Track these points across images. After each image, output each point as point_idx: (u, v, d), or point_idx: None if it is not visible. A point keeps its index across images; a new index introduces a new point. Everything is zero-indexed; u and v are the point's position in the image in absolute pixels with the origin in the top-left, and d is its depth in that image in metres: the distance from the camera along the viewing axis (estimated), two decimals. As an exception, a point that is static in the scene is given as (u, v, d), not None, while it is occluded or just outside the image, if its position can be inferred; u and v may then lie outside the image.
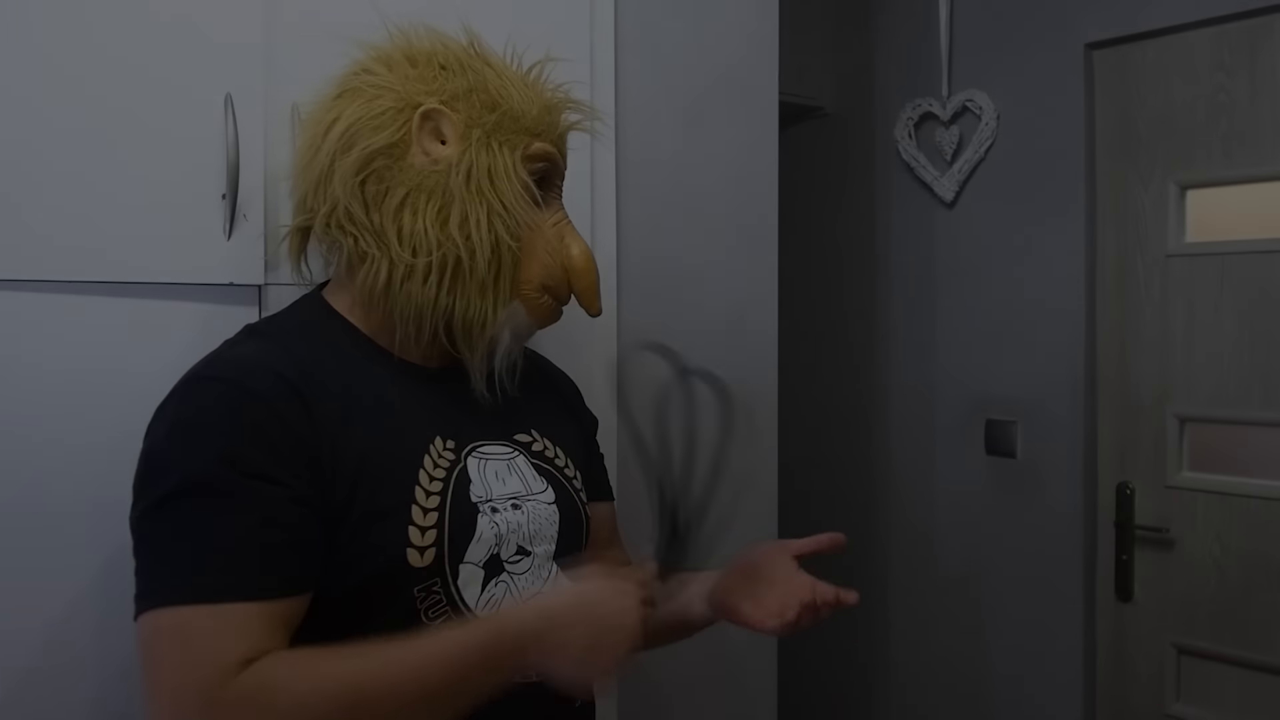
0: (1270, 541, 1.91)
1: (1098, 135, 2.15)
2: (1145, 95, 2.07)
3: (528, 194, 1.01)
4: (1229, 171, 1.96)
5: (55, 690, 1.09)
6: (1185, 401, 2.02)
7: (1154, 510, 2.06)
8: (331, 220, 0.98)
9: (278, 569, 0.86)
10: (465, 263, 0.97)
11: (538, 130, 1.04)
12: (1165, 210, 2.05)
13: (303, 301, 1.07)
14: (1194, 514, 2.01)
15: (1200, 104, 1.98)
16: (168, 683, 0.81)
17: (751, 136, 1.75)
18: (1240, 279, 1.95)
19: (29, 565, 1.07)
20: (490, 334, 1.01)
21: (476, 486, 0.99)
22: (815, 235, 2.62)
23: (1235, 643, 1.95)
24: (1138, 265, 2.10)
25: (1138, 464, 2.09)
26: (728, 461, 1.04)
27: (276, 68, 1.20)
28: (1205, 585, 1.99)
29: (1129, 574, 2.09)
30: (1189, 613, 2.02)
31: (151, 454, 0.89)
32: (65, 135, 1.08)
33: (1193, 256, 2.02)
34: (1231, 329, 1.96)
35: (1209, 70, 1.97)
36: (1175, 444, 2.04)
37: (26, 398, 1.07)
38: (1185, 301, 2.03)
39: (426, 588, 0.94)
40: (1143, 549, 2.08)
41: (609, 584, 0.93)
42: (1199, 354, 2.00)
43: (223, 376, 0.91)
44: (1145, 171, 2.07)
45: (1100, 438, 2.13)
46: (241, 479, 0.85)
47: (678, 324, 1.65)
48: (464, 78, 1.01)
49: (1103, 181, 2.15)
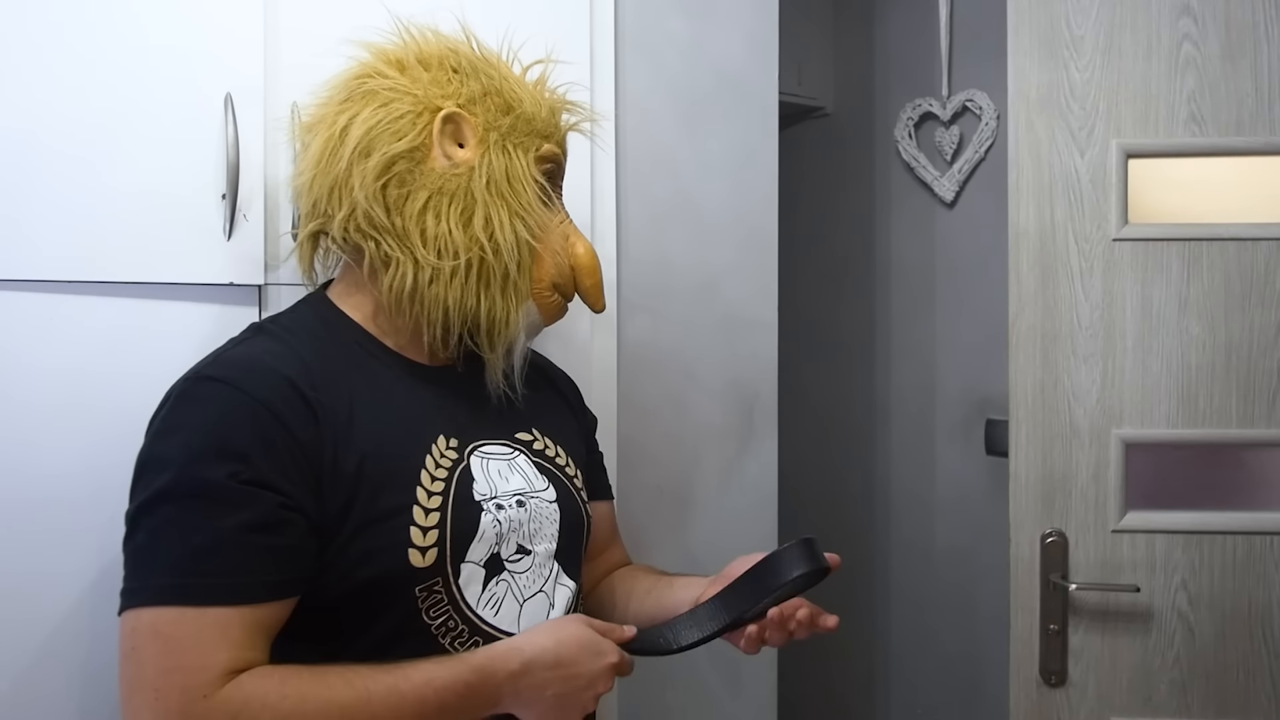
0: (1254, 582, 1.64)
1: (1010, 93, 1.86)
2: (1081, 36, 1.69)
3: (542, 195, 1.04)
4: (1195, 140, 1.65)
5: (54, 687, 1.09)
6: (1138, 422, 1.67)
7: (1095, 562, 1.67)
8: (350, 224, 0.99)
9: (263, 575, 0.86)
10: (490, 264, 0.99)
11: (547, 132, 1.06)
12: (1107, 184, 1.69)
13: (308, 301, 1.07)
14: (1151, 562, 1.66)
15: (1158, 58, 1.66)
16: (150, 682, 0.82)
17: (751, 136, 1.75)
18: (1212, 270, 1.64)
19: (29, 565, 1.07)
20: (512, 333, 1.02)
21: (480, 484, 1.00)
22: (815, 235, 2.62)
23: (1207, 709, 1.66)
24: (1069, 250, 1.73)
25: (1071, 505, 1.69)
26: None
27: (276, 68, 1.20)
28: (1168, 647, 1.67)
29: (1063, 652, 1.69)
30: (1145, 684, 1.66)
31: (148, 451, 0.90)
32: (65, 135, 1.08)
33: (1148, 241, 1.69)
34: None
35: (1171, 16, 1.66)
36: (1121, 476, 1.67)
37: (26, 398, 1.07)
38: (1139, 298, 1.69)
39: (428, 587, 0.94)
40: (1079, 615, 1.69)
41: (588, 640, 0.96)
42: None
43: (224, 377, 0.91)
44: (1080, 134, 1.71)
45: (1016, 475, 1.75)
46: (234, 483, 0.86)
47: (678, 324, 1.66)
48: (478, 81, 1.03)
49: (1019, 143, 1.79)
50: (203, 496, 0.85)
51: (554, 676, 0.93)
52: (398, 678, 0.87)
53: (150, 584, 0.84)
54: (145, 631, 0.83)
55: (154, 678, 0.82)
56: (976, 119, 2.32)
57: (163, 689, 0.81)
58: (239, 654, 0.84)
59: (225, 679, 0.82)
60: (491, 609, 0.98)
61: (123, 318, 1.12)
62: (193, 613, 0.83)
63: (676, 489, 1.65)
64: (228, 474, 0.85)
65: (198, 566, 0.84)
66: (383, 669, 0.87)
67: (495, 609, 0.98)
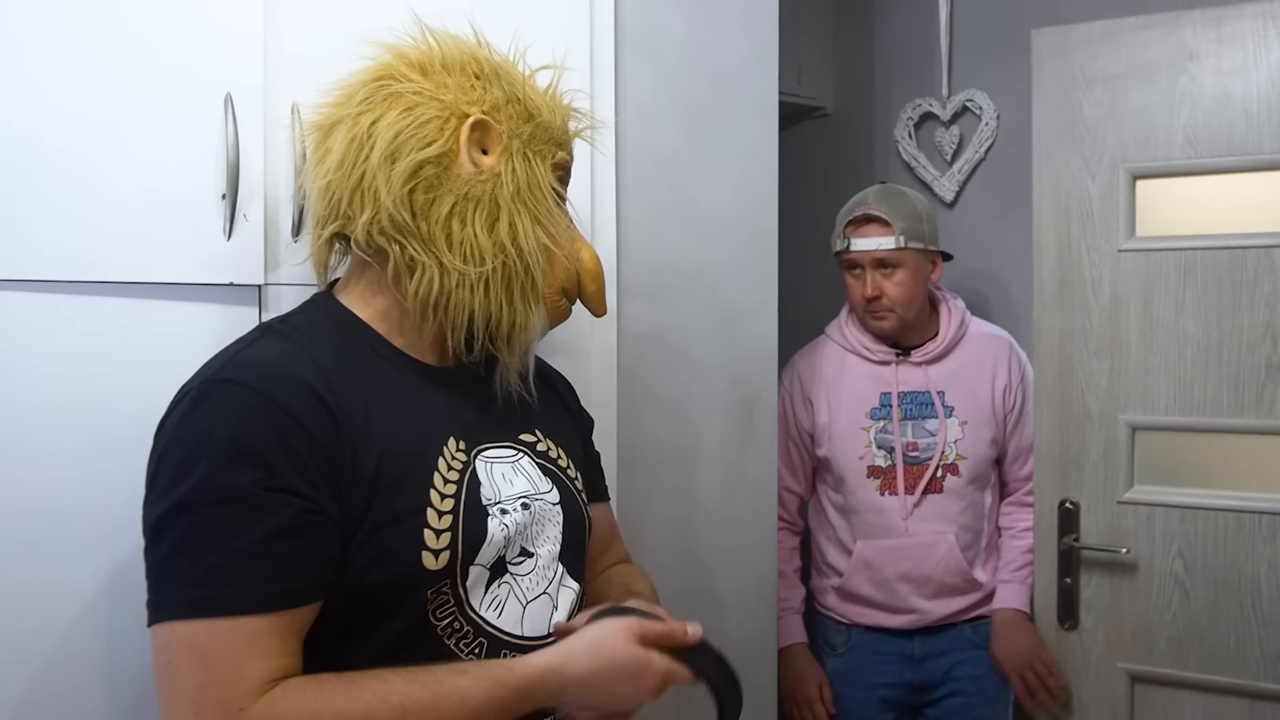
0: (1243, 556, 1.83)
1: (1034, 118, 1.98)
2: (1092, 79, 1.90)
3: (558, 201, 1.06)
4: (1190, 161, 1.84)
5: (53, 690, 1.09)
6: (1140, 409, 1.89)
7: (1105, 528, 1.93)
8: (374, 227, 0.98)
9: (293, 581, 0.86)
10: (513, 269, 1.00)
11: (561, 140, 1.08)
12: (1115, 202, 1.90)
13: (316, 301, 1.06)
14: (1151, 531, 1.89)
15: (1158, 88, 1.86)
16: (189, 697, 0.82)
17: (751, 136, 1.75)
18: (1205, 277, 1.84)
19: (30, 566, 1.07)
20: (530, 337, 1.03)
21: (486, 489, 1.00)
22: (815, 235, 2.62)
23: (1200, 666, 1.86)
24: (1083, 261, 1.93)
25: (1083, 478, 1.95)
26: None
27: (277, 67, 1.19)
28: (1166, 607, 1.88)
29: (1074, 598, 1.96)
30: (1146, 636, 1.90)
31: (166, 456, 0.88)
32: (65, 135, 1.08)
33: (1149, 252, 1.87)
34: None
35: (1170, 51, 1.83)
36: (1127, 456, 1.91)
37: (26, 398, 1.07)
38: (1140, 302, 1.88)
39: (437, 590, 0.95)
40: (1091, 571, 1.95)
41: (629, 662, 0.94)
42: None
43: (242, 380, 0.90)
44: (1091, 159, 1.92)
45: (1038, 451, 1.99)
46: (260, 490, 0.85)
47: (678, 324, 1.66)
48: (500, 89, 1.03)
49: (1041, 168, 1.97)
50: (228, 504, 0.85)
51: (591, 701, 0.94)
52: (434, 694, 0.87)
53: (180, 596, 0.84)
54: (180, 645, 0.83)
55: (192, 692, 0.82)
56: (976, 119, 2.32)
57: (200, 703, 0.82)
58: (273, 663, 0.84)
59: (261, 690, 0.82)
60: (494, 611, 0.98)
61: (122, 318, 1.12)
62: (225, 624, 0.83)
63: (676, 488, 1.65)
64: (253, 480, 0.85)
65: (228, 577, 0.84)
66: (417, 682, 0.87)
67: (498, 611, 0.98)
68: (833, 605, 2.04)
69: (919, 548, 1.94)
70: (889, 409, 1.97)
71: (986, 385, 1.99)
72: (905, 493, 1.94)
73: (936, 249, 2.00)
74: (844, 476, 1.98)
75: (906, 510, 1.94)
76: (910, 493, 1.95)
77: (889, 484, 1.95)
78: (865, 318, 1.99)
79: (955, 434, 1.96)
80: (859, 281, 1.97)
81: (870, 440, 1.97)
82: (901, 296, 1.94)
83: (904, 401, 1.98)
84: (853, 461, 1.97)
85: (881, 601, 1.97)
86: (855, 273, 1.98)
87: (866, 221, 1.96)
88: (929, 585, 1.95)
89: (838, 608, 2.03)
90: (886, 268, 1.94)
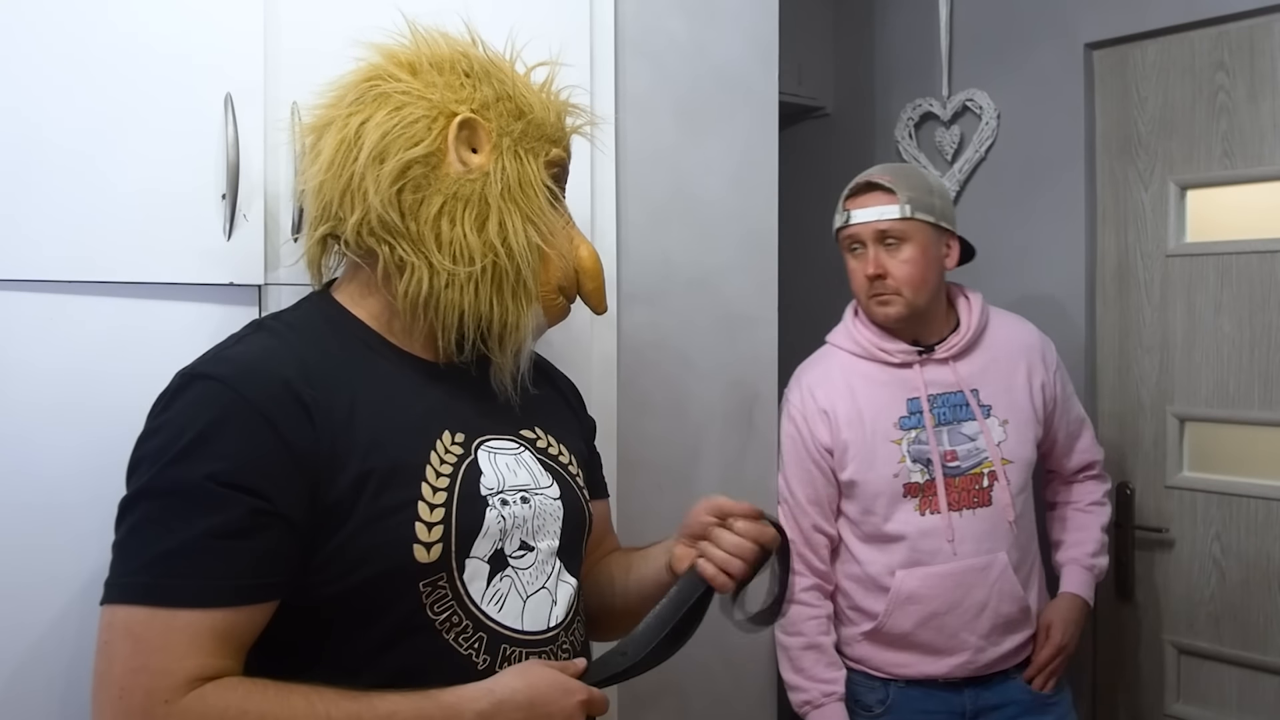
0: (1272, 541, 1.91)
1: (1098, 135, 2.15)
2: (1145, 95, 2.07)
3: (552, 199, 1.05)
4: (1228, 172, 1.96)
5: (51, 689, 1.09)
6: (1185, 401, 2.03)
7: (1154, 510, 2.07)
8: (363, 228, 0.98)
9: (235, 579, 0.86)
10: (503, 268, 0.99)
11: (555, 137, 1.07)
12: (1165, 210, 2.05)
13: (311, 299, 1.07)
14: (1194, 514, 2.02)
15: (1200, 104, 1.99)
16: (117, 680, 0.83)
17: (751, 136, 1.75)
18: (1240, 279, 1.96)
19: (28, 564, 1.07)
20: (522, 336, 1.03)
21: (489, 477, 1.00)
22: (815, 235, 2.62)
23: (1235, 642, 1.96)
24: (1138, 265, 2.10)
25: (1137, 464, 2.10)
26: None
27: (276, 67, 1.20)
28: (1205, 585, 2.00)
29: (1130, 573, 2.09)
30: (1189, 612, 2.03)
31: (138, 446, 0.91)
32: (65, 136, 1.08)
33: (1192, 256, 2.02)
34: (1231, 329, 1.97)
35: (1209, 70, 1.97)
36: (1175, 444, 2.05)
37: (26, 398, 1.07)
38: (1185, 302, 2.03)
39: (433, 583, 0.94)
40: (1142, 549, 2.09)
41: (557, 679, 0.95)
42: (1197, 354, 2.01)
43: (217, 375, 0.91)
44: (1145, 171, 2.08)
45: (1100, 439, 2.12)
46: (212, 484, 0.86)
47: (678, 323, 1.66)
48: (490, 87, 1.03)
49: (1103, 181, 2.15)
50: (179, 495, 0.86)
51: (525, 717, 0.92)
52: (361, 706, 0.86)
53: (126, 580, 0.85)
54: (119, 628, 0.84)
55: (121, 676, 0.83)
56: (977, 119, 2.32)
57: (128, 688, 0.83)
58: (207, 661, 0.84)
59: (190, 686, 0.83)
60: (496, 604, 0.98)
61: (123, 318, 1.12)
62: (163, 614, 0.83)
63: (676, 488, 1.65)
64: (206, 474, 0.86)
65: (168, 567, 0.85)
66: (348, 695, 0.87)
67: (499, 605, 0.98)
68: (864, 656, 1.73)
69: (970, 572, 1.67)
70: (920, 415, 1.70)
71: (1023, 379, 1.75)
72: (949, 509, 1.68)
73: (951, 228, 1.72)
74: (876, 500, 1.69)
75: (952, 530, 1.67)
76: (955, 509, 1.68)
77: (929, 502, 1.68)
78: (869, 304, 1.72)
79: (998, 435, 1.72)
80: (861, 261, 1.70)
81: (903, 454, 1.69)
82: (909, 276, 1.66)
83: (935, 405, 1.71)
84: (886, 481, 1.68)
85: (926, 642, 1.68)
86: (856, 251, 1.71)
87: (868, 190, 1.70)
88: (983, 617, 1.67)
89: (871, 658, 1.72)
90: (891, 241, 1.67)
